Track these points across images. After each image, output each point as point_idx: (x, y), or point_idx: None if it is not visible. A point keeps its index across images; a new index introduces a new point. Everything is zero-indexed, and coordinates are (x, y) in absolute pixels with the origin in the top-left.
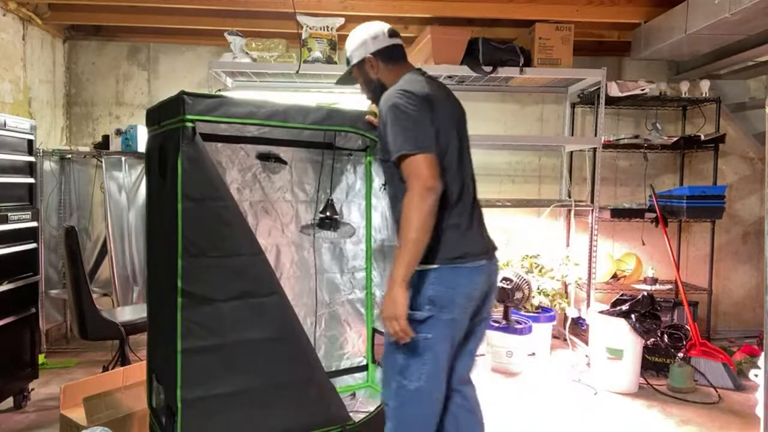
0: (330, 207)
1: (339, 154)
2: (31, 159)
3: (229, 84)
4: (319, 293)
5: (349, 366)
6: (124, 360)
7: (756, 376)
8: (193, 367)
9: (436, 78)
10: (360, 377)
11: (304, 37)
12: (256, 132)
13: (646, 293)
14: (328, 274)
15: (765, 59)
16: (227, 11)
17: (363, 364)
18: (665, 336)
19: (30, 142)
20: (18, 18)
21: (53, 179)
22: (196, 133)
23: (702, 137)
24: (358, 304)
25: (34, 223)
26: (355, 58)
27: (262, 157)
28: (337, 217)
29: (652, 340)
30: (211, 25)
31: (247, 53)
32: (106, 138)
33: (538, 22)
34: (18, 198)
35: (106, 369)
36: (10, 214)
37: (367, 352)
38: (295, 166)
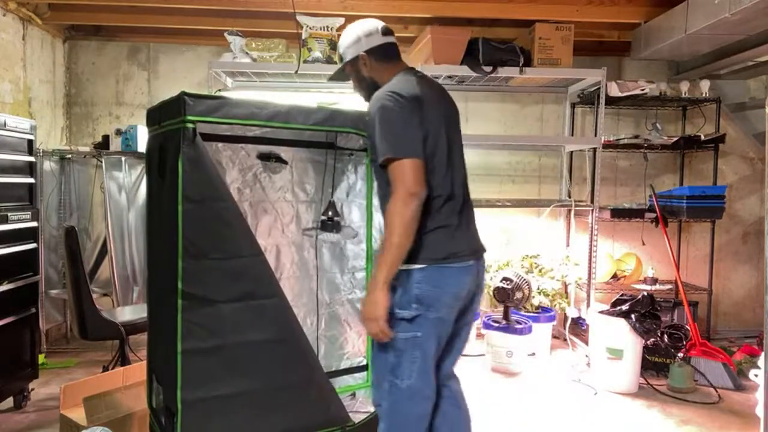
0: (332, 209)
1: (340, 154)
2: (31, 159)
3: (229, 84)
4: (319, 293)
5: (349, 366)
6: (124, 360)
7: (756, 376)
8: (194, 369)
9: (431, 77)
10: (360, 377)
11: (304, 37)
12: (257, 132)
13: (646, 293)
14: (329, 274)
15: (765, 59)
16: (227, 11)
17: (363, 364)
18: (665, 336)
19: (30, 142)
20: (18, 18)
21: (53, 179)
22: (197, 134)
23: (702, 137)
24: (359, 304)
25: (34, 223)
26: (348, 56)
27: (263, 157)
28: (339, 219)
29: (652, 340)
30: (211, 25)
31: (247, 53)
32: (106, 138)
33: (538, 22)
34: (18, 198)
35: (106, 369)
36: (10, 214)
37: (367, 353)
38: (296, 166)
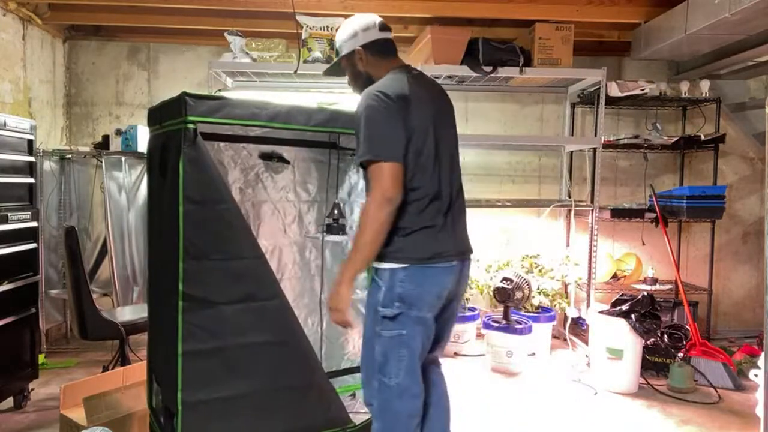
0: (337, 210)
1: (342, 154)
2: (31, 159)
3: (229, 84)
4: (320, 293)
5: (349, 366)
6: (124, 360)
7: (756, 376)
8: (194, 370)
9: (426, 75)
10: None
11: (304, 37)
12: (258, 131)
13: (646, 293)
14: (330, 274)
15: (765, 59)
16: (227, 11)
17: None
18: (665, 336)
19: (30, 142)
20: (18, 18)
21: (53, 179)
22: (198, 134)
23: (702, 137)
24: (359, 304)
25: (34, 223)
26: (344, 50)
27: (265, 157)
28: (344, 221)
29: (652, 340)
30: (211, 25)
31: (247, 53)
32: (106, 138)
33: (538, 22)
34: (18, 198)
35: (106, 369)
36: (10, 214)
37: None
38: (298, 166)
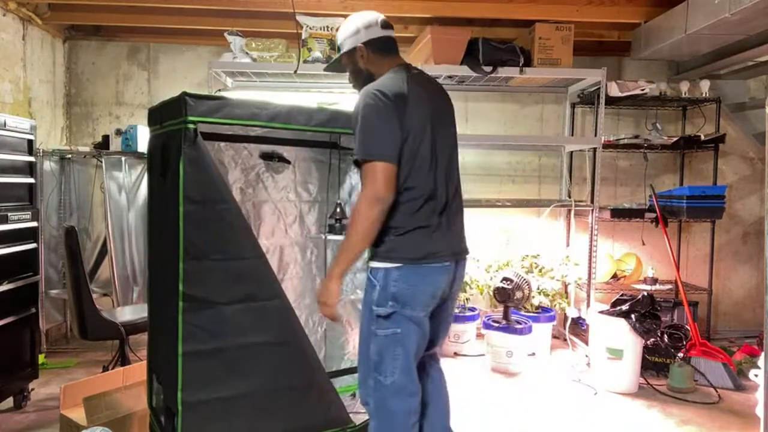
0: (339, 210)
1: (343, 154)
2: (31, 159)
3: (229, 84)
4: None
5: (349, 366)
6: (124, 360)
7: (756, 376)
8: (194, 371)
9: (427, 75)
10: None
11: (304, 37)
12: (259, 131)
13: (646, 293)
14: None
15: (765, 59)
16: (227, 11)
17: None
18: (665, 336)
19: (30, 142)
20: (18, 18)
21: (53, 179)
22: (198, 134)
23: (702, 137)
24: (360, 304)
25: (34, 223)
26: (346, 46)
27: (266, 157)
28: (347, 221)
29: (652, 340)
30: (211, 25)
31: (247, 53)
32: (106, 138)
33: (538, 22)
34: (18, 198)
35: (106, 369)
36: (10, 214)
37: None
38: (299, 166)
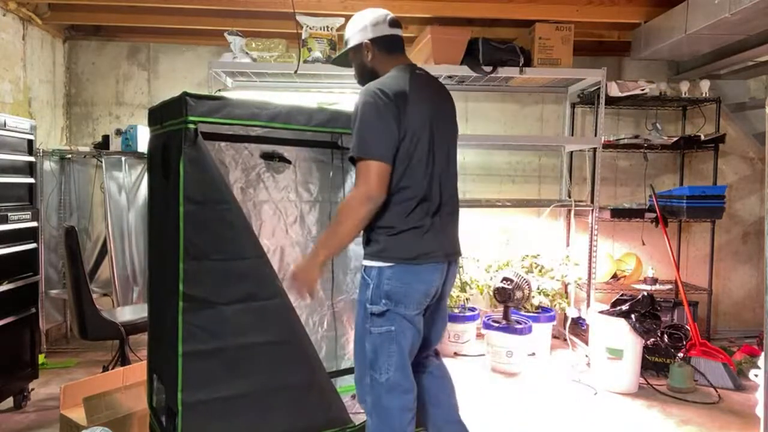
0: None
1: (344, 154)
2: (31, 159)
3: (229, 84)
4: (321, 293)
5: (350, 366)
6: (124, 360)
7: (756, 376)
8: (195, 371)
9: (430, 75)
10: None
11: (304, 37)
12: (260, 131)
13: (646, 293)
14: (330, 274)
15: (765, 59)
16: (227, 11)
17: None
18: (665, 336)
19: (30, 142)
20: (18, 18)
21: (53, 179)
22: (198, 134)
23: (702, 137)
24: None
25: (34, 223)
26: (352, 42)
27: (266, 157)
28: None
29: (652, 340)
30: (211, 25)
31: (247, 53)
32: (106, 138)
33: (538, 22)
34: (18, 198)
35: (106, 369)
36: (10, 214)
37: None
38: (300, 166)
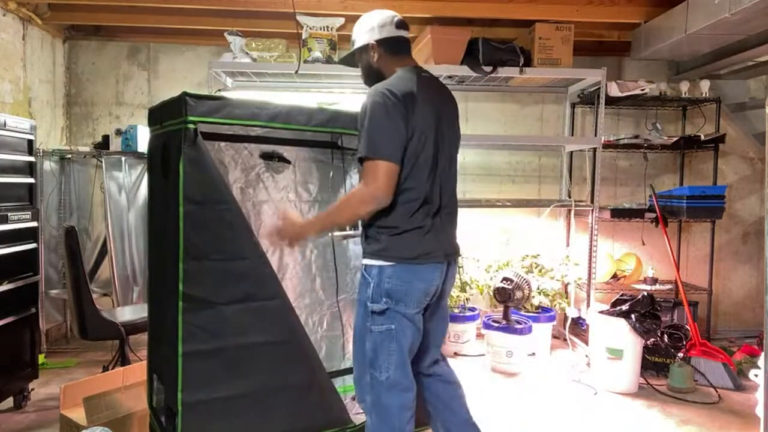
0: None
1: (343, 154)
2: (31, 159)
3: (229, 84)
4: (321, 293)
5: (350, 366)
6: (124, 360)
7: (756, 376)
8: (195, 371)
9: (436, 78)
10: None
11: (304, 37)
12: (259, 131)
13: (646, 293)
14: (330, 273)
15: (765, 59)
16: (227, 11)
17: None
18: (665, 336)
19: (30, 142)
20: (18, 18)
21: (53, 179)
22: (198, 134)
23: (702, 137)
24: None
25: (34, 223)
26: (359, 42)
27: (266, 157)
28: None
29: (652, 340)
30: (211, 25)
31: (247, 53)
32: (106, 138)
33: (538, 22)
34: (18, 198)
35: (106, 369)
36: (10, 214)
37: None
38: (299, 166)
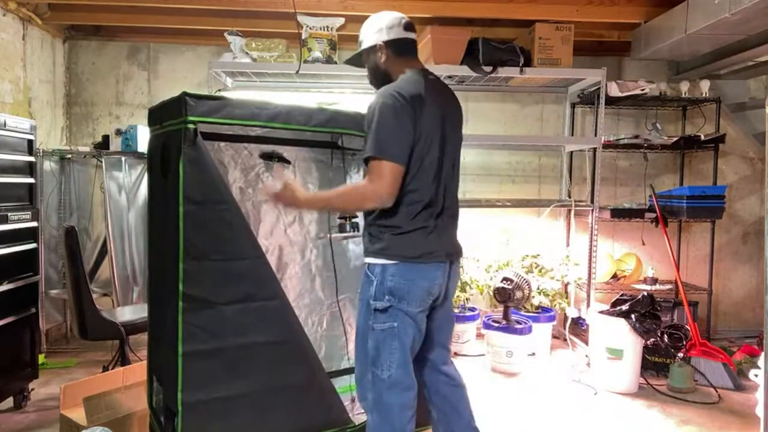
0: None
1: (343, 154)
2: (31, 159)
3: (229, 84)
4: (320, 293)
5: (349, 366)
6: (124, 360)
7: (756, 376)
8: (194, 371)
9: (442, 81)
10: None
11: (304, 37)
12: (259, 131)
13: (646, 293)
14: (330, 273)
15: (765, 59)
16: (227, 11)
17: None
18: (665, 336)
19: (30, 142)
20: (18, 18)
21: (53, 179)
22: (198, 134)
23: (702, 137)
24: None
25: (34, 223)
26: (367, 43)
27: (266, 157)
28: (357, 220)
29: (652, 340)
30: (211, 25)
31: (247, 53)
32: (106, 138)
33: (538, 22)
34: (18, 198)
35: (106, 369)
36: (10, 214)
37: None
38: (299, 166)
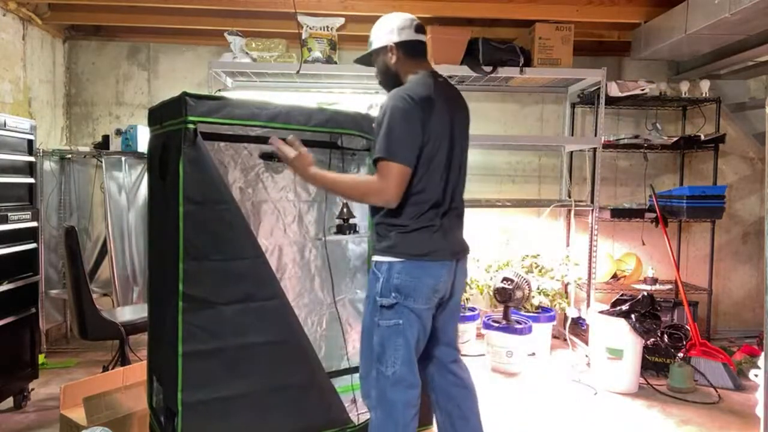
0: (346, 210)
1: (343, 154)
2: (31, 159)
3: (229, 84)
4: (320, 293)
5: (349, 366)
6: (124, 360)
7: (756, 376)
8: (194, 371)
9: (450, 83)
10: None
11: (304, 37)
12: (259, 131)
13: (646, 293)
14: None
15: (765, 59)
16: (227, 11)
17: None
18: (665, 336)
19: (30, 142)
20: (18, 18)
21: (53, 179)
22: (198, 134)
23: (702, 137)
24: (359, 304)
25: (34, 223)
26: (378, 43)
27: (265, 157)
28: (355, 220)
29: (652, 340)
30: (211, 25)
31: (247, 53)
32: (106, 138)
33: (538, 22)
34: (18, 198)
35: (106, 369)
36: (10, 214)
37: None
38: None
